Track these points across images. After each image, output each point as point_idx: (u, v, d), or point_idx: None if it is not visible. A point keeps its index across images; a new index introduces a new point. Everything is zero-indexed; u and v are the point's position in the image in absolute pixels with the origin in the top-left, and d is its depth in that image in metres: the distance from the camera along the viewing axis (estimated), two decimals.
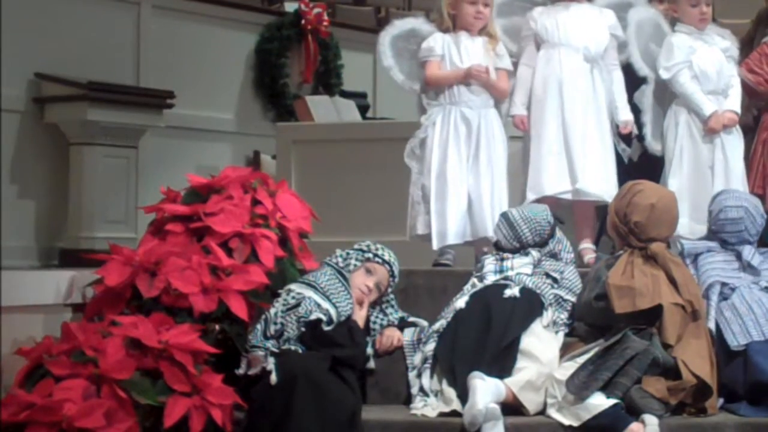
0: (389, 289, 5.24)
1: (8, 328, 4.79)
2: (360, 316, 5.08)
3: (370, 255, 5.20)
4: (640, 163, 6.05)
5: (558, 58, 5.85)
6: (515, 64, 5.99)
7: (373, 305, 5.20)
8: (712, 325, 4.92)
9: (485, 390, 4.61)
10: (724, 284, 5.00)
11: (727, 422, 4.67)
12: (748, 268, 5.08)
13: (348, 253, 5.21)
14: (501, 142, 5.86)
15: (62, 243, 6.76)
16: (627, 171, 6.06)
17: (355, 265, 5.17)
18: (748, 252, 5.09)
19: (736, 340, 4.83)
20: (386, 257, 5.21)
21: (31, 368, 4.55)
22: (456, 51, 5.84)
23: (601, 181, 5.79)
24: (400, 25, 6.01)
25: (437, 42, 5.85)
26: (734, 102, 5.91)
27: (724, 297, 4.96)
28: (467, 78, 5.78)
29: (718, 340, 4.87)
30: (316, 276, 5.10)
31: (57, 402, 4.28)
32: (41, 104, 6.84)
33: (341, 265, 5.17)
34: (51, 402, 4.28)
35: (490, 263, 5.28)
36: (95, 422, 4.26)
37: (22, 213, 6.69)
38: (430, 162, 5.80)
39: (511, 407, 4.70)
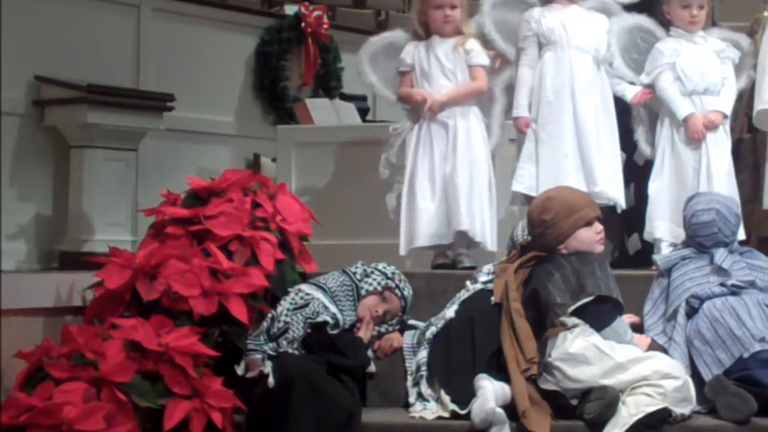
0: (394, 320, 5.24)
1: (8, 330, 4.79)
2: (365, 336, 5.08)
3: (393, 285, 5.19)
4: (646, 167, 6.02)
5: (568, 60, 5.81)
6: (507, 60, 5.98)
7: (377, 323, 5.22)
8: (679, 341, 4.90)
9: (493, 390, 4.63)
10: (691, 296, 4.99)
11: (727, 424, 4.66)
12: (719, 270, 5.05)
13: (372, 271, 5.20)
14: (481, 141, 5.86)
15: (62, 246, 6.75)
16: (631, 175, 6.05)
17: (375, 288, 5.16)
18: (720, 255, 5.05)
19: (710, 372, 4.81)
20: (405, 293, 5.21)
21: (31, 371, 4.55)
22: (426, 56, 5.85)
23: (614, 185, 5.78)
24: (376, 42, 6.07)
25: (408, 53, 5.90)
26: (723, 103, 5.80)
27: (692, 308, 4.96)
28: (420, 105, 5.79)
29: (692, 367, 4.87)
30: (327, 279, 5.12)
31: (57, 405, 4.28)
32: (41, 107, 6.83)
33: (358, 277, 5.16)
34: (51, 405, 4.28)
35: (488, 266, 5.28)
36: (95, 425, 4.26)
37: (22, 216, 6.68)
38: (407, 169, 5.83)
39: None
